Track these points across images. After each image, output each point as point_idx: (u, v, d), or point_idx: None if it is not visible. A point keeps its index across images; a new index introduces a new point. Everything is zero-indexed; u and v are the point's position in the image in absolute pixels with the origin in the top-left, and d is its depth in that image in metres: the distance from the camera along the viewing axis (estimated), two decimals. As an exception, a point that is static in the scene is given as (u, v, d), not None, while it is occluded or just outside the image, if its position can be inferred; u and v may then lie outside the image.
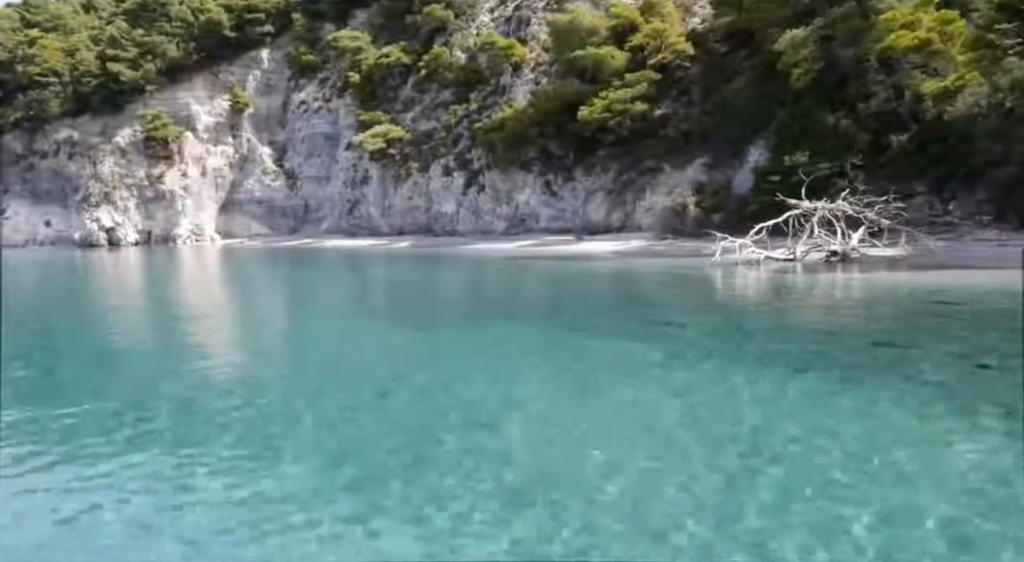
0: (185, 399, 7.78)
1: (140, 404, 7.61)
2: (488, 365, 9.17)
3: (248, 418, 6.96)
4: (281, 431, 6.56)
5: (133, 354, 10.99)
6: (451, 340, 11.37)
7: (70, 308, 18.87)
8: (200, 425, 6.85)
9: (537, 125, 39.90)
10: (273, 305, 19.23)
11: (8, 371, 9.56)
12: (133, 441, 6.37)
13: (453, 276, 25.55)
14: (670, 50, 37.31)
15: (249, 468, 5.63)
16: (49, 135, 72.19)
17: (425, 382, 8.33)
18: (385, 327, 12.98)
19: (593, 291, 18.87)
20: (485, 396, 7.64)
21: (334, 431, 6.62)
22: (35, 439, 6.60)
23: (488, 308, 15.97)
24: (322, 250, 49.74)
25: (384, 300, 19.46)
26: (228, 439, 6.32)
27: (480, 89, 48.20)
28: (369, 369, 9.21)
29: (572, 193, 39.35)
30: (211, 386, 8.56)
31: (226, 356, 10.80)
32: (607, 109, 36.37)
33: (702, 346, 9.95)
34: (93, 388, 8.75)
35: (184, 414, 7.21)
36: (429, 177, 49.91)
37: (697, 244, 28.32)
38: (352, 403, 7.53)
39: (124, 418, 7.08)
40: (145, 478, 5.55)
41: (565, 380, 8.30)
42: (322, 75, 68.69)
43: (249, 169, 70.15)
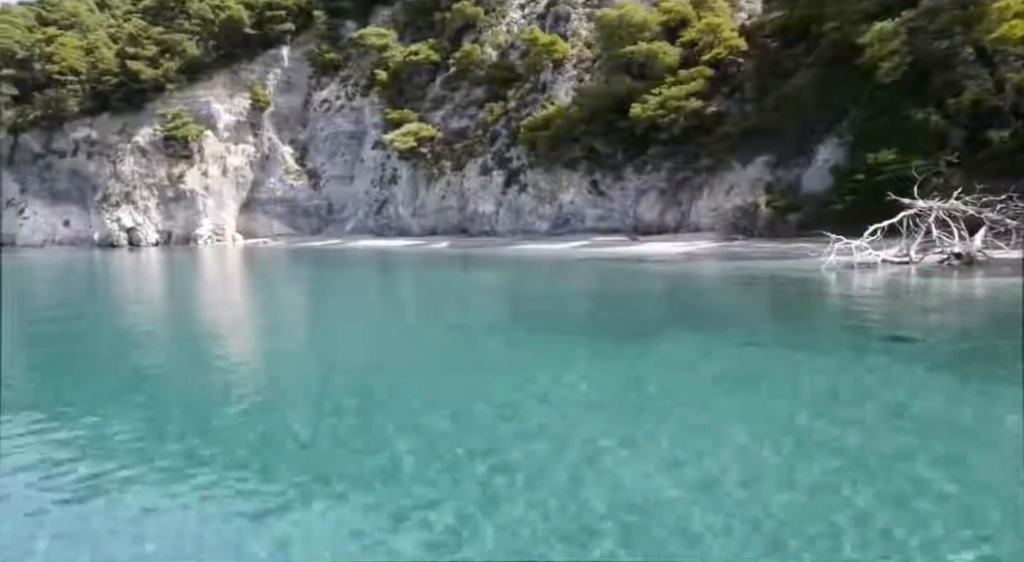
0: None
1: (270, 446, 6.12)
2: (748, 401, 7.34)
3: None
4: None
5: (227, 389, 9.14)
6: (664, 357, 9.61)
7: (110, 317, 17.02)
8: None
9: (585, 123, 38.15)
10: (364, 321, 15.09)
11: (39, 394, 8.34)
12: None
13: (542, 279, 23.51)
14: (724, 45, 35.63)
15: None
16: (67, 134, 69.99)
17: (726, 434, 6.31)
18: (558, 341, 11.15)
19: (733, 297, 16.85)
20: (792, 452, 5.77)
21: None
22: (107, 461, 5.98)
23: (637, 316, 14.03)
24: (355, 251, 47.82)
25: (501, 307, 17.01)
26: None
27: (517, 86, 46.38)
28: (638, 410, 7.34)
29: (622, 192, 37.66)
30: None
31: (384, 400, 8.02)
32: (661, 106, 34.68)
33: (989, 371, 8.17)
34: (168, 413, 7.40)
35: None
36: (464, 176, 48.11)
37: (774, 245, 26.70)
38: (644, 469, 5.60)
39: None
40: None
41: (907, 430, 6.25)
42: (344, 73, 66.68)
43: (270, 168, 68.12)
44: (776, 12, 36.73)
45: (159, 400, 8.16)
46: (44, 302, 21.69)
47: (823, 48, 32.40)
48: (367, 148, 60.77)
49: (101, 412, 7.57)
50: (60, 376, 9.62)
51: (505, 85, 49.23)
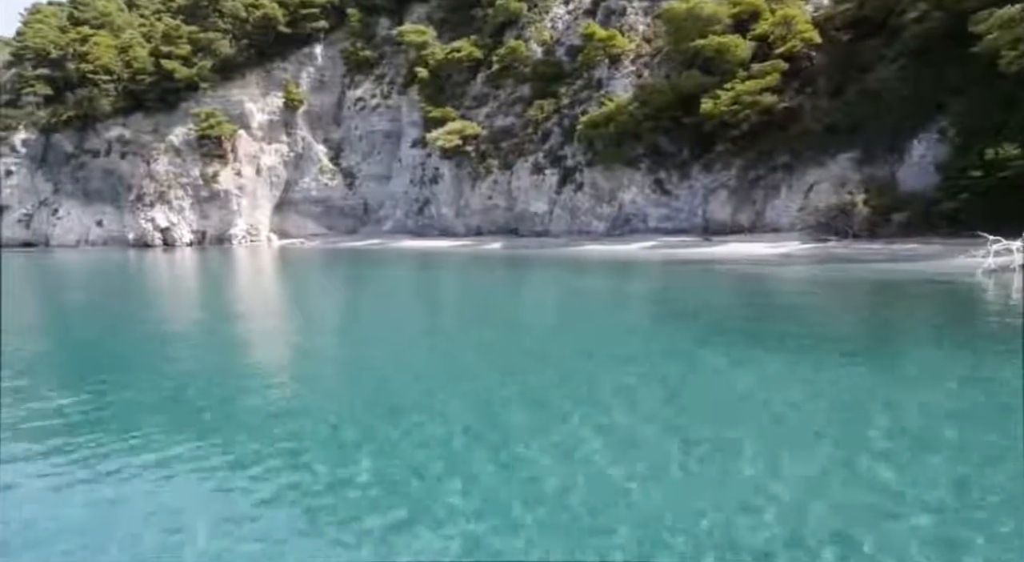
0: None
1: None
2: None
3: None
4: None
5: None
6: (922, 382, 7.87)
7: (169, 325, 15.36)
8: None
9: (650, 119, 36.33)
10: (500, 347, 11.83)
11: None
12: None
13: (655, 284, 21.57)
14: (798, 38, 33.72)
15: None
16: (100, 133, 68.61)
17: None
18: (777, 360, 9.44)
19: (909, 308, 14.92)
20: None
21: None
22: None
23: (818, 328, 12.24)
24: (401, 252, 46.14)
25: (660, 318, 14.81)
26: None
27: (568, 83, 44.54)
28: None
29: (689, 191, 35.83)
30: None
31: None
32: (735, 101, 32.85)
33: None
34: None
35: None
36: (513, 175, 46.33)
37: (879, 246, 24.84)
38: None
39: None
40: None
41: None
42: (379, 71, 65.05)
43: (305, 168, 66.57)
44: (847, 4, 34.82)
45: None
46: (122, 306, 20.12)
47: (909, 39, 30.51)
48: (405, 147, 59.07)
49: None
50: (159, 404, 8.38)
51: (552, 82, 47.42)
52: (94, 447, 6.70)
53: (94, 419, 7.73)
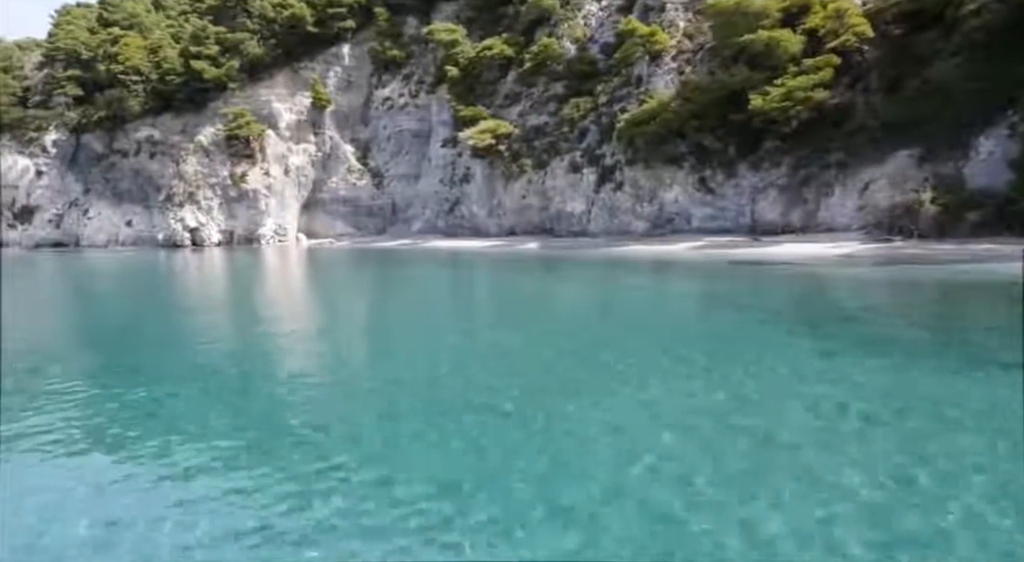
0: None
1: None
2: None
3: None
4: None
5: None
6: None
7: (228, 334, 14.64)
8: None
9: (695, 117, 35.31)
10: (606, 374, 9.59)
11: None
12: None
13: (714, 286, 20.63)
14: (851, 32, 32.53)
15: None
16: (129, 134, 68.61)
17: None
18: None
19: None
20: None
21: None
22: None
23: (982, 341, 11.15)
24: (434, 252, 45.38)
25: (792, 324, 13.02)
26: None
27: (605, 81, 43.56)
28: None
29: (735, 190, 34.76)
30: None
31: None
32: (786, 97, 31.74)
33: None
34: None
35: None
36: (548, 174, 45.46)
37: (953, 247, 23.67)
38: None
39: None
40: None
41: None
42: (406, 70, 64.44)
43: (332, 167, 66.11)
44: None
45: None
46: (176, 309, 19.50)
47: (969, 31, 29.25)
48: (435, 146, 58.37)
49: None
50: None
51: (586, 80, 46.51)
52: (186, 455, 6.63)
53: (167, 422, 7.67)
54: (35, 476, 6.23)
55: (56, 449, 6.83)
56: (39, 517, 5.31)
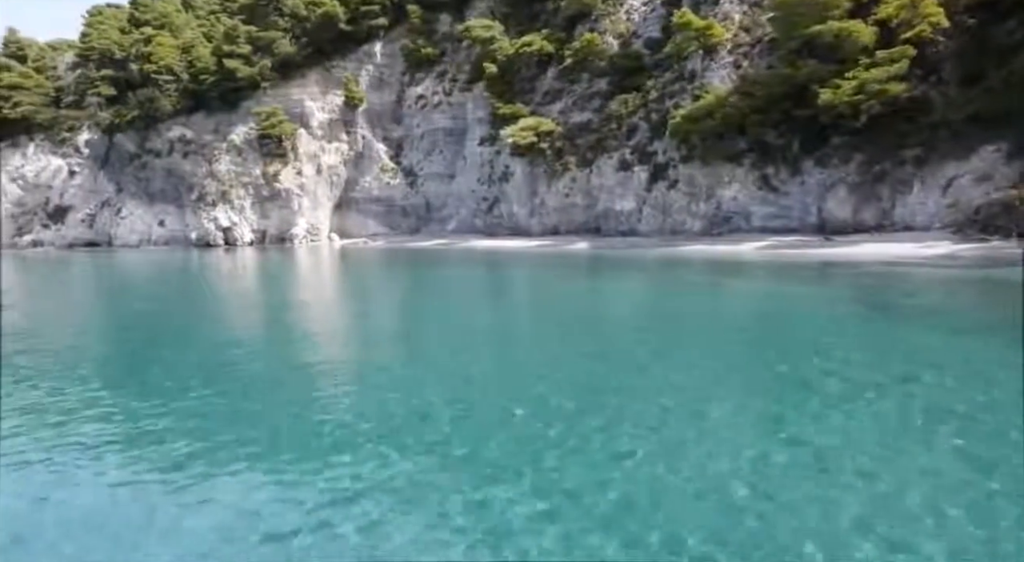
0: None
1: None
2: None
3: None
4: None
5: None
6: None
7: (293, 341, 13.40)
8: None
9: (758, 112, 33.74)
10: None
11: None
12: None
13: (823, 288, 19.09)
14: (927, 22, 30.81)
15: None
16: (162, 133, 67.89)
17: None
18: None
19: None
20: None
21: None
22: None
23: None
24: (476, 252, 44.07)
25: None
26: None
27: (656, 76, 42.03)
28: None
29: (801, 188, 33.15)
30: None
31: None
32: (859, 91, 30.09)
33: None
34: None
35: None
36: (593, 172, 44.02)
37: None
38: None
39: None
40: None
41: None
42: (440, 68, 63.16)
43: (365, 167, 65.01)
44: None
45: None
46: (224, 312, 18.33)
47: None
48: (470, 145, 57.07)
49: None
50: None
51: (632, 75, 44.99)
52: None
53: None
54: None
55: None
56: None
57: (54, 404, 8.97)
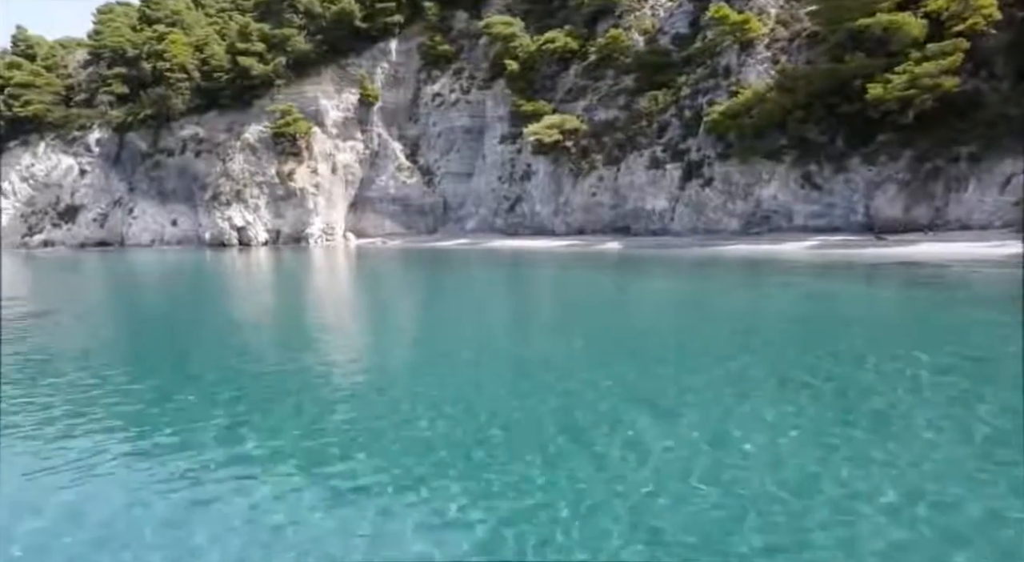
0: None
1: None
2: None
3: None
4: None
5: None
6: None
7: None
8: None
9: (800, 108, 32.48)
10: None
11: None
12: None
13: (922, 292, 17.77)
14: (980, 14, 29.55)
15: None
16: (175, 132, 66.44)
17: None
18: None
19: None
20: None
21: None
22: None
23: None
24: (503, 252, 42.69)
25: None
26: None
27: (687, 72, 40.74)
28: None
29: (846, 186, 31.89)
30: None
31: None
32: (911, 85, 28.84)
33: None
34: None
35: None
36: (621, 170, 42.72)
37: None
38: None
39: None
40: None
41: None
42: (457, 66, 61.83)
43: (381, 165, 63.65)
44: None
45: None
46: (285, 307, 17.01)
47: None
48: (490, 143, 55.75)
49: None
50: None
51: (660, 72, 43.69)
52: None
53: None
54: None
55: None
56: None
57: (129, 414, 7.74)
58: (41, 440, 7.37)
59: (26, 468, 6.56)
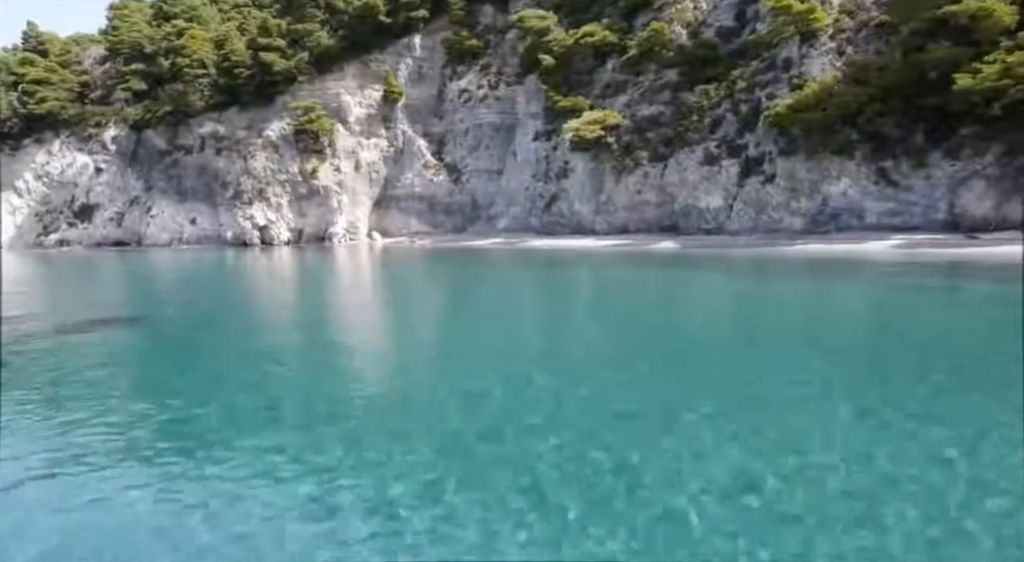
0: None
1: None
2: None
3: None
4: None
5: None
6: None
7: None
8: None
9: (876, 100, 30.34)
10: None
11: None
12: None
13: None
14: (1073, 0, 27.47)
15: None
16: (193, 129, 63.88)
17: None
18: None
19: None
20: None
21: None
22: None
23: None
24: (547, 253, 40.46)
25: None
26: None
27: (743, 65, 38.53)
28: None
29: (926, 182, 29.78)
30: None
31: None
32: (1005, 75, 26.73)
33: None
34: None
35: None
36: (670, 167, 40.53)
37: None
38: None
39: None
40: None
41: None
42: (483, 61, 59.49)
43: (406, 163, 61.25)
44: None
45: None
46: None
47: None
48: (522, 140, 53.46)
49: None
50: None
51: (707, 66, 41.50)
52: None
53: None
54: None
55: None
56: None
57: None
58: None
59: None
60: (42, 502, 5.66)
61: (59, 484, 6.02)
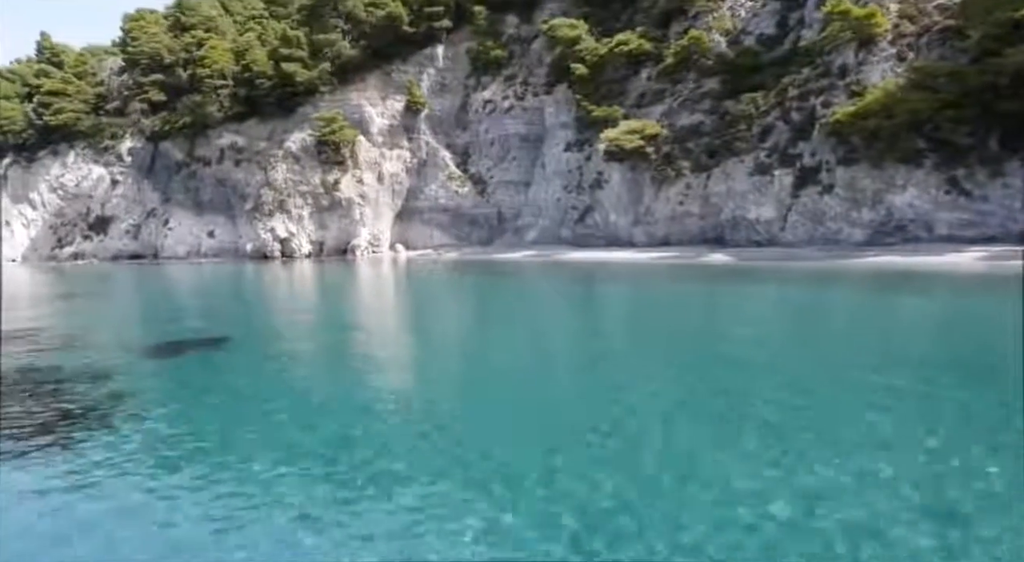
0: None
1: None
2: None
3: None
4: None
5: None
6: None
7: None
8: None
9: (949, 106, 28.58)
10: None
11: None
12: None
13: None
14: None
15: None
16: (211, 141, 61.91)
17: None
18: None
19: None
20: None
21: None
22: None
23: None
24: (589, 266, 38.46)
25: None
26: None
27: (795, 72, 36.83)
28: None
29: (1003, 191, 27.97)
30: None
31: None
32: (1094, 79, 25.02)
33: None
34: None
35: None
36: (715, 177, 38.72)
37: None
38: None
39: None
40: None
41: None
42: (508, 71, 57.87)
43: (429, 174, 59.38)
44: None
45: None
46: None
47: None
48: (552, 150, 51.66)
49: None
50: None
51: (750, 74, 39.87)
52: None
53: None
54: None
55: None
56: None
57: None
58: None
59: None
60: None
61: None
